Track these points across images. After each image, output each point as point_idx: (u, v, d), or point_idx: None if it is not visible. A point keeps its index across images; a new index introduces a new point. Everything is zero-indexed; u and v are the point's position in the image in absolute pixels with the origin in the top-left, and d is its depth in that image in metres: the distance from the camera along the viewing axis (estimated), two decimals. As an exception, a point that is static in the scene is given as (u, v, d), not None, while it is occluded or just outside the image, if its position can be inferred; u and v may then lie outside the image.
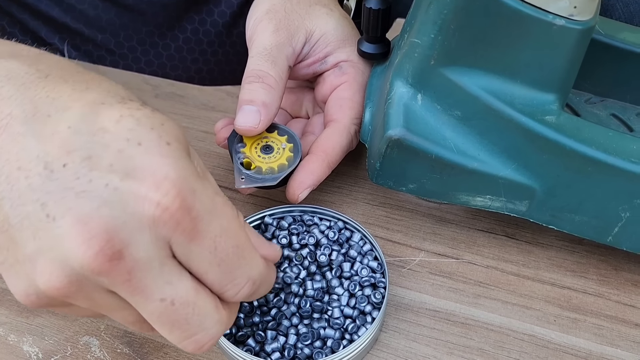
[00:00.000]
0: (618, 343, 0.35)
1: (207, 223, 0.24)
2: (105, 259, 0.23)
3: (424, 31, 0.34)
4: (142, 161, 0.23)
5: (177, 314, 0.25)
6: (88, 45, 0.63)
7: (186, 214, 0.23)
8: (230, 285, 0.26)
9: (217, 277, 0.25)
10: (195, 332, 0.25)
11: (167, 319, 0.25)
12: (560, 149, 0.33)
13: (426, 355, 0.35)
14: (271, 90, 0.38)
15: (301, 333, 0.33)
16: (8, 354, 0.35)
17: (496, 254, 0.40)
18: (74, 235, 0.23)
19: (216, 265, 0.25)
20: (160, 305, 0.24)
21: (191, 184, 0.24)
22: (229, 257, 0.25)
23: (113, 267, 0.23)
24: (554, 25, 0.32)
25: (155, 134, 0.24)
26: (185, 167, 0.24)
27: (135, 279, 0.24)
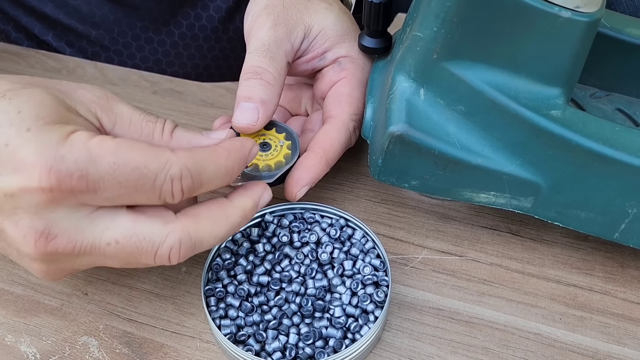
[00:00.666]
0: (625, 341, 0.35)
1: (94, 172, 0.27)
2: (44, 244, 0.27)
3: (427, 24, 0.34)
4: (12, 160, 0.26)
5: (126, 247, 0.28)
6: (82, 42, 0.63)
7: (69, 180, 0.26)
8: (160, 194, 0.28)
9: (143, 198, 0.28)
10: (152, 251, 0.29)
11: (123, 255, 0.29)
12: (566, 144, 0.33)
13: (430, 354, 0.34)
14: (269, 86, 0.38)
15: (303, 332, 0.33)
16: (6, 355, 0.34)
17: (500, 251, 0.40)
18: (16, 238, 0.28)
19: (133, 192, 0.28)
20: (109, 248, 0.28)
21: (56, 154, 0.26)
22: (137, 179, 0.27)
23: (55, 245, 0.27)
24: (560, 18, 0.31)
25: (14, 129, 0.26)
26: (47, 142, 0.26)
27: (77, 242, 0.28)
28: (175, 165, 0.28)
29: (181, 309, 0.36)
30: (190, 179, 0.28)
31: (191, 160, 0.28)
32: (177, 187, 0.28)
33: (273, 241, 0.37)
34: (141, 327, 0.36)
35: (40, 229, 0.27)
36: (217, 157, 0.30)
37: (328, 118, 0.41)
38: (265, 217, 0.38)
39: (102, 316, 0.36)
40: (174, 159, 0.28)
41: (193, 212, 0.30)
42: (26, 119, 0.26)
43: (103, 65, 0.56)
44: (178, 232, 0.29)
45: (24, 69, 0.56)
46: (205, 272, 0.35)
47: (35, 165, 0.26)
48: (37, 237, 0.27)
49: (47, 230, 0.27)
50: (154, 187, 0.28)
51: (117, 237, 0.28)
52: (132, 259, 0.29)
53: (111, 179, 0.27)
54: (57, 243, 0.27)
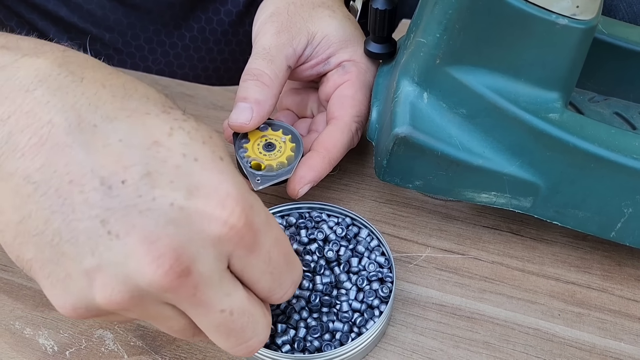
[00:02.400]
0: (622, 337, 0.36)
1: (264, 235, 0.25)
2: (174, 277, 0.23)
3: (430, 31, 0.35)
4: (201, 178, 0.24)
5: (235, 323, 0.26)
6: (96, 45, 0.64)
7: (249, 229, 0.24)
8: (278, 290, 0.27)
9: (268, 284, 0.27)
10: (249, 338, 0.26)
11: (225, 329, 0.26)
12: (563, 146, 0.34)
13: (433, 348, 0.36)
14: (265, 88, 0.39)
15: (310, 326, 0.34)
16: (24, 347, 0.36)
17: (501, 250, 0.41)
18: (141, 254, 0.23)
19: (269, 274, 0.26)
20: (220, 316, 0.25)
21: (249, 200, 0.25)
22: (280, 266, 0.27)
23: (181, 284, 0.23)
24: (557, 25, 0.32)
25: (208, 149, 0.24)
26: (241, 183, 0.25)
27: (199, 293, 0.24)
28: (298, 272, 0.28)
29: (193, 304, 0.38)
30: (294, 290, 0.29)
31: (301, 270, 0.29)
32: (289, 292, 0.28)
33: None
34: (155, 321, 0.37)
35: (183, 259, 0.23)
36: None
37: (331, 119, 0.42)
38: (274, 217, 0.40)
39: (117, 310, 0.38)
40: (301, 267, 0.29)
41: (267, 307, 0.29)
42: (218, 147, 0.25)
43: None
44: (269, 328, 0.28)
45: (39, 73, 0.58)
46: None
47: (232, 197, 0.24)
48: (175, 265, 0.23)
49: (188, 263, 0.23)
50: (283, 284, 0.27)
51: (233, 307, 0.25)
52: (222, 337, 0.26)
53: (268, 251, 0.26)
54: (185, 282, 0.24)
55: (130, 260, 0.23)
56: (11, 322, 0.37)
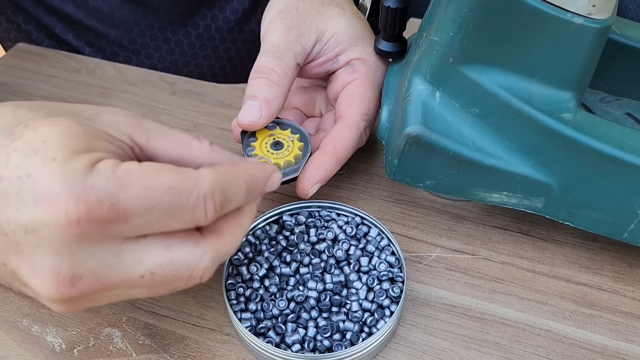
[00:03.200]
0: (633, 339, 0.36)
1: (125, 198, 0.25)
2: (68, 288, 0.25)
3: (443, 29, 0.35)
4: (36, 191, 0.24)
5: (162, 276, 0.27)
6: (101, 42, 0.64)
7: (99, 209, 0.24)
8: (192, 215, 0.26)
9: (176, 222, 0.26)
10: (188, 274, 0.27)
11: (158, 284, 0.27)
12: (577, 146, 0.34)
13: (443, 348, 0.35)
14: (274, 86, 0.39)
15: (321, 326, 0.34)
16: (32, 345, 0.35)
17: (511, 251, 0.41)
18: (33, 282, 0.25)
19: (167, 215, 0.26)
20: (144, 280, 0.26)
21: (84, 183, 0.24)
22: (170, 203, 0.26)
23: (80, 288, 0.25)
24: (573, 24, 0.32)
25: (39, 159, 0.24)
26: (73, 171, 0.24)
27: (106, 280, 0.26)
28: (205, 182, 0.26)
29: (202, 302, 0.38)
30: (220, 195, 0.27)
31: (217, 176, 0.27)
32: (210, 206, 0.27)
33: (291, 238, 0.38)
34: (163, 320, 0.37)
35: (64, 272, 0.25)
36: (238, 173, 0.29)
37: (339, 118, 0.42)
38: (283, 217, 0.39)
39: (125, 308, 0.37)
40: (202, 175, 0.27)
41: (215, 227, 0.29)
42: (52, 148, 0.25)
43: (122, 66, 0.58)
44: (210, 252, 0.28)
45: (45, 68, 0.57)
46: (226, 266, 0.36)
47: (62, 196, 0.24)
48: (60, 280, 0.25)
49: (72, 271, 0.25)
50: (187, 207, 0.26)
51: (151, 268, 0.26)
52: (165, 287, 0.28)
53: (144, 204, 0.25)
54: (82, 285, 0.25)
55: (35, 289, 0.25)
56: (19, 320, 0.37)
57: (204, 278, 0.28)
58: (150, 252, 0.26)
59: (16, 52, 0.60)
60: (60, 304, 0.26)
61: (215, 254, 0.28)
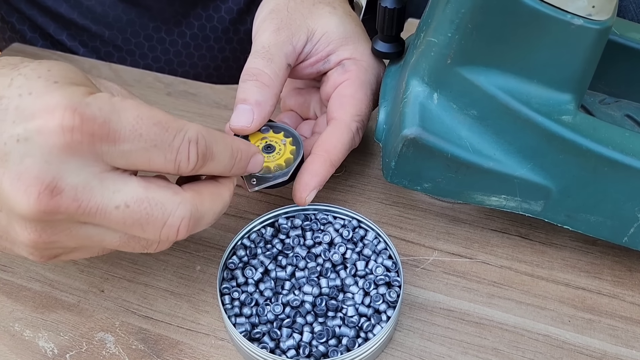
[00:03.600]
0: (633, 344, 0.35)
1: (117, 121, 0.26)
2: (48, 198, 0.26)
3: (441, 30, 0.34)
4: (35, 104, 0.26)
5: (136, 212, 0.27)
6: (96, 42, 0.64)
7: (92, 123, 0.26)
8: (178, 156, 0.28)
9: (162, 157, 0.28)
10: (162, 219, 0.28)
11: (131, 221, 0.28)
12: (576, 149, 0.33)
13: (440, 354, 0.35)
14: (265, 88, 0.38)
15: (316, 331, 0.33)
16: (24, 350, 0.35)
17: (510, 254, 0.40)
18: (15, 193, 0.26)
19: (153, 148, 0.27)
20: (117, 212, 0.27)
21: (82, 100, 0.26)
22: (158, 135, 0.27)
23: (59, 202, 0.26)
24: (572, 25, 0.32)
25: (42, 81, 0.26)
26: (73, 91, 0.26)
27: (84, 201, 0.26)
28: (192, 129, 0.28)
29: (196, 306, 0.37)
30: (204, 144, 0.29)
31: (204, 130, 0.29)
32: (193, 150, 0.28)
33: (287, 241, 0.38)
34: (157, 324, 0.36)
35: (47, 181, 0.25)
36: (225, 137, 0.31)
37: (331, 120, 0.41)
38: (279, 220, 0.39)
39: (118, 313, 0.37)
40: (189, 124, 0.29)
41: (196, 187, 0.30)
42: (55, 75, 0.27)
43: (118, 67, 0.57)
44: (188, 203, 0.29)
45: (40, 69, 0.57)
46: (221, 270, 0.36)
47: (60, 105, 0.25)
48: (42, 189, 0.25)
49: (55, 182, 0.25)
50: (172, 146, 0.28)
51: (127, 200, 0.27)
52: (138, 229, 0.28)
53: (133, 130, 0.26)
54: (61, 199, 0.26)
55: (14, 203, 0.26)
56: (10, 324, 0.36)
57: (180, 231, 0.29)
58: (130, 185, 0.28)
59: (11, 52, 0.59)
60: (35, 225, 0.27)
61: (193, 207, 0.29)
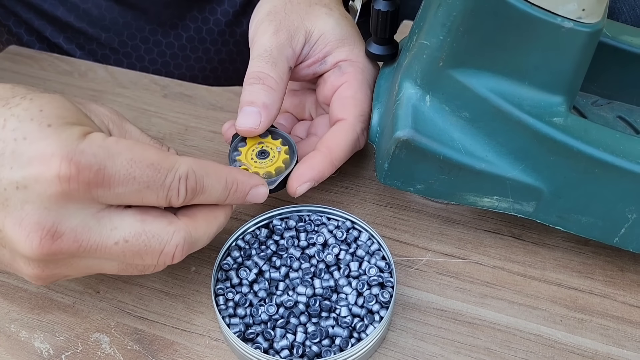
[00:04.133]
0: (624, 343, 0.36)
1: (111, 166, 0.28)
2: (49, 243, 0.27)
3: (433, 33, 0.35)
4: (31, 150, 0.27)
5: (135, 245, 0.29)
6: (92, 44, 0.64)
7: (88, 171, 0.27)
8: (169, 192, 0.29)
9: (152, 196, 0.29)
10: (159, 248, 0.30)
11: (130, 254, 0.29)
12: (567, 151, 0.34)
13: (433, 354, 0.35)
14: (271, 91, 0.39)
15: (310, 331, 0.34)
16: (20, 350, 0.35)
17: (503, 255, 0.40)
18: (18, 238, 0.27)
19: (145, 188, 0.29)
20: (117, 247, 0.29)
21: (77, 147, 0.27)
22: (150, 176, 0.29)
23: (60, 245, 0.27)
24: (563, 28, 0.32)
25: (35, 124, 0.27)
26: (67, 137, 0.27)
27: (84, 242, 0.28)
28: (182, 165, 0.30)
29: (191, 307, 0.37)
30: (194, 180, 0.30)
31: (196, 164, 0.31)
32: (182, 187, 0.30)
33: (281, 242, 0.38)
34: (152, 325, 0.36)
35: (48, 226, 0.27)
36: (219, 169, 0.32)
37: (336, 122, 0.42)
38: (273, 221, 0.39)
39: (113, 314, 0.37)
40: (181, 160, 0.30)
41: (190, 212, 0.32)
42: (48, 116, 0.27)
43: (114, 69, 0.57)
44: (182, 231, 0.31)
45: (37, 71, 0.57)
46: (215, 271, 0.36)
47: (56, 155, 0.26)
48: (44, 234, 0.27)
49: (55, 227, 0.27)
50: (164, 185, 0.29)
51: (126, 235, 0.29)
52: (137, 259, 0.30)
53: (127, 174, 0.28)
54: (62, 242, 0.27)
55: (17, 246, 0.27)
56: (6, 325, 0.36)
57: (175, 257, 0.31)
58: (126, 220, 0.29)
59: (8, 55, 0.59)
60: (37, 264, 0.28)
61: (187, 234, 0.31)
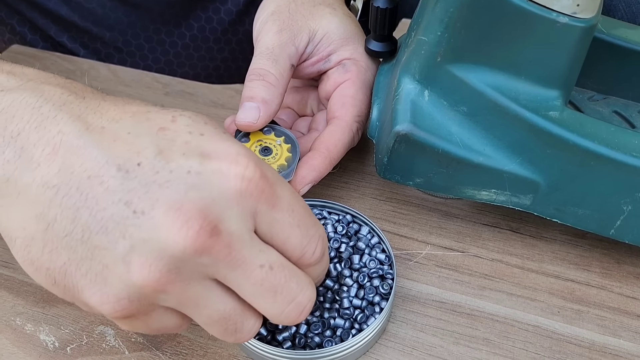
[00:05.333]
0: (620, 334, 0.36)
1: (281, 189, 0.26)
2: (206, 236, 0.24)
3: (431, 29, 0.35)
4: (210, 146, 0.25)
5: (277, 277, 0.26)
6: (96, 43, 0.64)
7: (266, 181, 0.25)
8: (309, 244, 0.27)
9: (298, 239, 0.27)
10: (296, 294, 0.26)
11: (269, 285, 0.26)
12: (563, 144, 0.34)
13: (433, 344, 0.36)
14: (271, 87, 0.39)
15: (311, 322, 0.34)
16: (25, 343, 0.36)
17: (501, 248, 0.41)
18: (170, 223, 0.23)
19: (297, 227, 0.27)
20: (261, 271, 0.25)
21: (259, 159, 0.26)
22: (304, 217, 0.27)
23: (214, 243, 0.24)
24: (558, 23, 0.32)
25: (211, 126, 0.26)
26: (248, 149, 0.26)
27: (234, 251, 0.25)
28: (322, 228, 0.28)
29: (194, 300, 0.38)
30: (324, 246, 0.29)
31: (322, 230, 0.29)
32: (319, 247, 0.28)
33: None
34: (156, 318, 0.37)
35: (211, 218, 0.24)
36: None
37: (332, 119, 0.42)
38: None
39: (118, 307, 0.38)
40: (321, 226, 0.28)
41: None
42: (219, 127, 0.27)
43: (116, 67, 0.58)
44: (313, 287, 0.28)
45: (39, 70, 0.58)
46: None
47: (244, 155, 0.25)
48: (205, 224, 0.24)
49: (216, 222, 0.24)
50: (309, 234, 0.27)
51: (271, 262, 0.26)
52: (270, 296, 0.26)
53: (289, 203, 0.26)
54: (217, 241, 0.24)
55: (160, 233, 0.23)
56: (12, 318, 0.37)
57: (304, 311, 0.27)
58: (271, 249, 0.26)
59: (10, 54, 0.60)
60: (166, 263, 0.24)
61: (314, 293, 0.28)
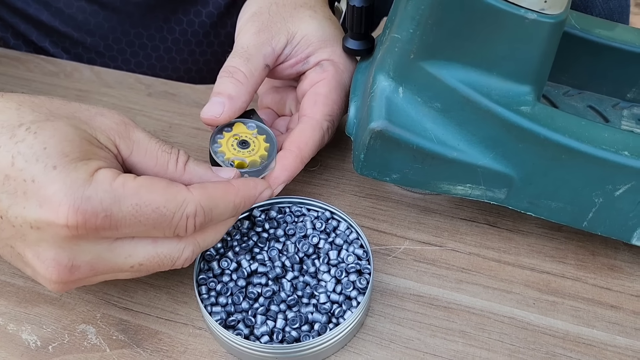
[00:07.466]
0: (594, 324, 0.37)
1: (118, 211, 0.29)
2: (67, 275, 0.30)
3: (404, 26, 0.36)
4: (40, 196, 0.28)
5: (149, 266, 0.32)
6: (78, 48, 0.65)
7: (95, 219, 0.28)
8: (174, 230, 0.31)
9: (159, 233, 0.31)
10: (171, 264, 0.32)
11: (145, 271, 0.32)
12: (535, 138, 0.35)
13: (410, 337, 0.36)
14: (239, 84, 0.40)
15: (289, 317, 0.35)
16: (7, 342, 0.36)
17: (478, 242, 0.42)
18: (37, 267, 0.30)
19: (151, 228, 0.30)
20: (133, 269, 0.31)
21: (83, 194, 0.28)
22: (155, 220, 0.30)
23: (77, 274, 0.30)
24: (526, 19, 0.33)
25: (40, 166, 0.28)
26: (73, 181, 0.28)
27: (100, 270, 0.31)
28: (191, 203, 0.31)
29: (175, 297, 0.38)
30: (203, 215, 0.32)
31: (205, 198, 0.32)
32: (190, 224, 0.31)
33: (262, 234, 0.39)
34: (137, 315, 0.37)
35: (64, 262, 0.29)
36: (228, 195, 0.33)
37: (303, 116, 0.42)
38: (254, 212, 0.40)
39: (99, 305, 0.38)
40: (190, 197, 0.31)
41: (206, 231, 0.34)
42: (52, 156, 0.28)
43: (99, 69, 0.58)
44: (191, 245, 0.33)
45: (23, 72, 0.58)
46: (198, 262, 0.37)
47: (63, 204, 0.28)
48: (61, 268, 0.29)
49: (71, 262, 0.29)
50: (171, 225, 0.31)
51: (140, 260, 0.31)
52: (150, 272, 0.33)
53: (133, 219, 0.29)
54: (79, 272, 0.30)
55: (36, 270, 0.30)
56: (-6, 318, 0.37)
57: (185, 265, 0.33)
58: (139, 247, 0.31)
59: (-6, 57, 0.60)
60: (57, 285, 0.30)
61: (196, 247, 0.33)
